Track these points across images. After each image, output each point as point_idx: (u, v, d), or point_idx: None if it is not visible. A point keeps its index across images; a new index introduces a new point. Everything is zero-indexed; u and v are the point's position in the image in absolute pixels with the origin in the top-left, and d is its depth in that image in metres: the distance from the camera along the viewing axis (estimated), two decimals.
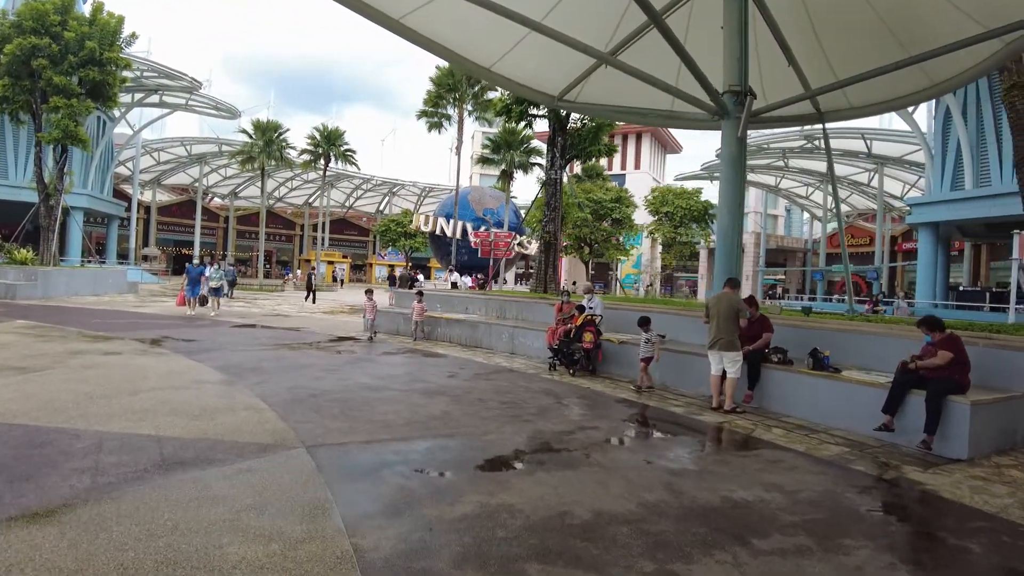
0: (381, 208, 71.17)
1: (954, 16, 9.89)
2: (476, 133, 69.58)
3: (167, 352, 10.71)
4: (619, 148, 54.45)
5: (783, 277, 56.62)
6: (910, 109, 30.11)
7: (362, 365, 10.59)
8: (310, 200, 67.50)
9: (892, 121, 46.67)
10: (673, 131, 67.79)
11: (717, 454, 6.26)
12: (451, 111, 33.03)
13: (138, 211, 50.69)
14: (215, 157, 54.81)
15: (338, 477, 4.73)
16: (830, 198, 49.15)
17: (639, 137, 61.16)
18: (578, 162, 20.00)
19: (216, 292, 18.79)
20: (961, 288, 29.38)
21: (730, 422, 7.57)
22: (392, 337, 14.84)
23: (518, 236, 43.77)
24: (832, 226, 52.21)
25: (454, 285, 30.19)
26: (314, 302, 29.28)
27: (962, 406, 6.64)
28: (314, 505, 4.13)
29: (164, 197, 60.01)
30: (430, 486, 4.72)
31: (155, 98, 42.70)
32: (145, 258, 52.58)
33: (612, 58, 10.72)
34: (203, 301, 18.30)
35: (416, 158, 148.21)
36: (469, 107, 32.60)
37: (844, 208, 51.70)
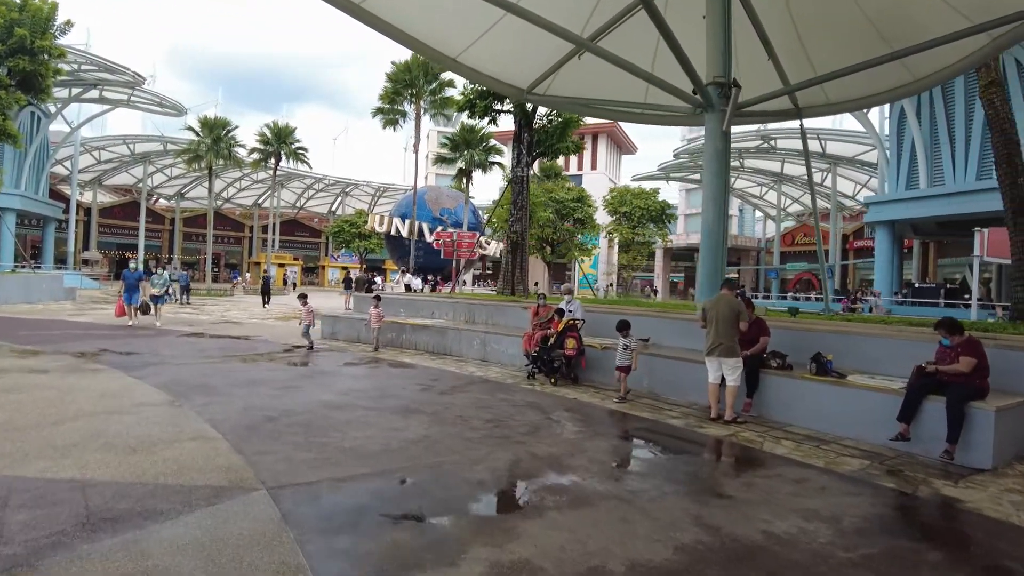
0: (334, 209, 69.22)
1: (941, 10, 9.51)
2: (432, 132, 68.47)
3: (103, 368, 9.45)
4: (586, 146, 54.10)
5: (736, 275, 57.18)
6: (864, 109, 30.57)
7: (323, 379, 9.59)
8: (260, 201, 65.13)
9: (844, 122, 47.56)
10: (629, 133, 67.95)
11: (736, 475, 5.57)
12: (408, 108, 31.90)
13: (77, 213, 47.78)
14: (160, 156, 52.21)
15: (311, 530, 3.80)
16: (784, 198, 49.93)
17: (595, 138, 61.05)
18: (544, 159, 19.13)
19: (158, 300, 17.10)
20: (916, 285, 29.82)
21: (735, 434, 6.93)
22: (353, 345, 13.81)
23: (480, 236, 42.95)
24: (786, 224, 53.05)
25: (407, 288, 29.11)
26: (266, 305, 28.16)
27: (986, 413, 6.14)
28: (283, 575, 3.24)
29: (106, 198, 56.86)
30: (425, 538, 3.83)
31: (94, 93, 40.22)
32: (85, 262, 49.65)
33: (591, 44, 9.99)
34: (144, 309, 16.33)
35: (370, 158, 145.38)
36: (426, 104, 31.56)
37: (795, 208, 52.62)
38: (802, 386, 7.62)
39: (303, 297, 13.70)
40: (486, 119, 18.78)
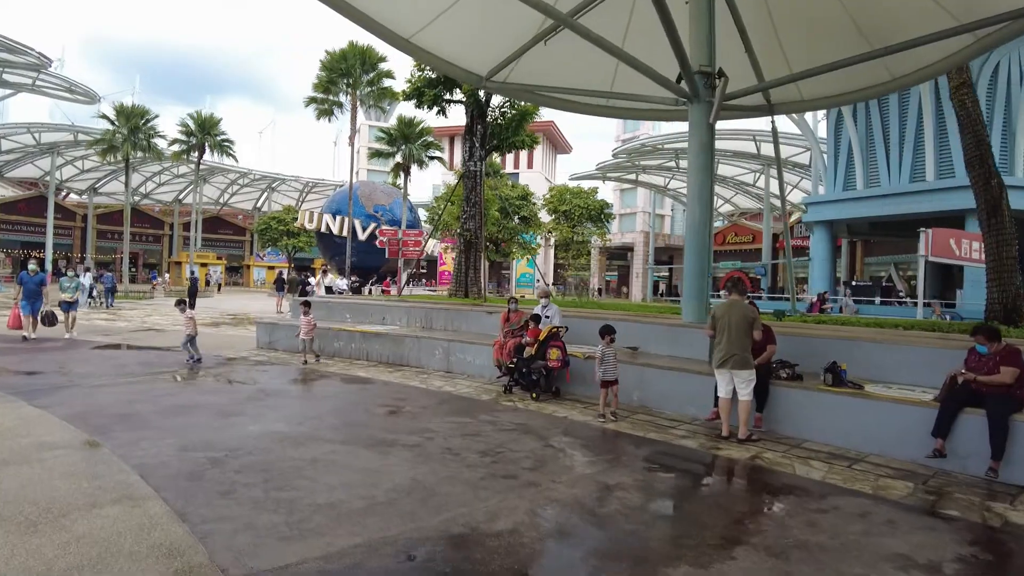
0: (259, 205, 65.72)
1: (927, 8, 9.06)
2: (363, 126, 66.03)
3: None
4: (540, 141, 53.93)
5: (667, 274, 57.83)
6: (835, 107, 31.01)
7: (271, 401, 8.18)
8: (180, 197, 61.03)
9: (778, 123, 48.51)
10: (565, 133, 67.71)
11: (792, 512, 4.69)
12: (343, 99, 30.08)
13: None
14: (70, 148, 47.80)
15: None
16: (716, 199, 50.64)
17: None
18: (496, 154, 18.00)
19: (70, 306, 14.35)
20: (854, 283, 30.49)
21: (758, 456, 6.11)
22: (294, 356, 12.23)
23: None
24: (717, 224, 53.83)
25: (328, 290, 27.30)
26: (192, 307, 25.74)
27: None
28: None
29: (7, 192, 51.70)
30: None
31: None
32: None
33: (572, 20, 8.98)
34: (48, 320, 13.42)
35: (297, 153, 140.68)
36: (363, 95, 29.82)
37: (727, 208, 53.52)
38: (817, 398, 6.91)
39: (181, 304, 12.03)
40: (434, 110, 17.51)
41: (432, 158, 33.94)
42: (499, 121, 17.12)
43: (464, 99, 16.79)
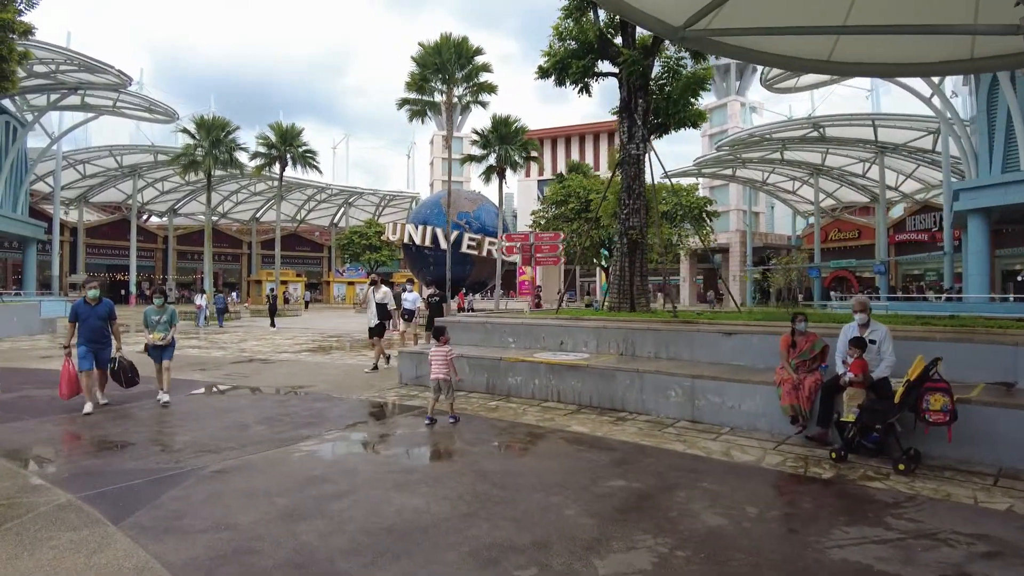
0: (335, 221, 64.23)
1: None
2: (436, 137, 63.70)
3: (66, 512, 4.47)
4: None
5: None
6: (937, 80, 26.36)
7: (506, 496, 4.83)
8: (258, 215, 60.07)
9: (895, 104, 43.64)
10: None
11: None
12: (437, 98, 27.15)
13: (62, 233, 42.59)
14: (150, 169, 47.16)
15: None
16: (815, 192, 45.73)
17: (596, 137, 56.52)
18: (663, 133, 14.41)
19: (162, 353, 8.61)
20: (1021, 278, 25.50)
21: None
22: (462, 398, 8.88)
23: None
24: (814, 221, 48.77)
25: (381, 308, 22.41)
26: (273, 325, 24.36)
27: None
28: None
29: (93, 217, 51.52)
30: None
31: (75, 99, 35.20)
32: (73, 286, 44.40)
33: None
34: (124, 374, 8.35)
35: (368, 168, 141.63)
36: (461, 91, 26.87)
37: (828, 202, 48.34)
38: None
39: (441, 332, 7.70)
40: (576, 87, 14.15)
41: (528, 158, 30.75)
42: (659, 95, 13.58)
43: (617, 71, 13.38)
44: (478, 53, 26.24)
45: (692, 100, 13.86)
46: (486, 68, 26.58)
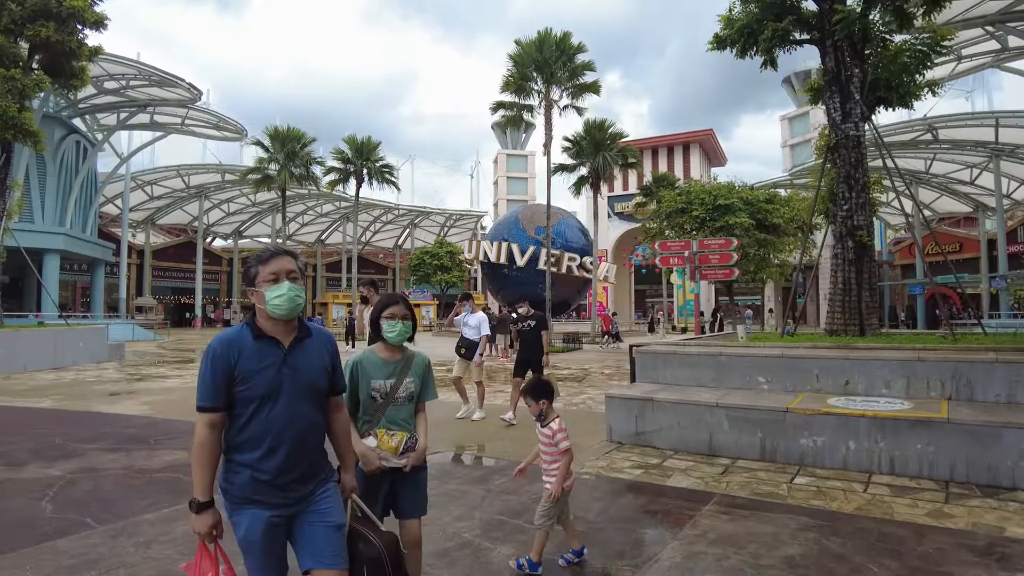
0: (400, 243, 62.24)
1: None
2: (500, 156, 61.30)
3: None
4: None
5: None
6: None
7: None
8: (323, 236, 58.57)
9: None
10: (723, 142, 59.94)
11: None
12: (534, 101, 24.33)
13: (129, 255, 41.40)
14: (216, 190, 45.87)
15: None
16: (913, 203, 41.28)
17: (687, 147, 53.02)
18: (886, 108, 11.09)
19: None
20: None
21: None
22: (706, 462, 5.60)
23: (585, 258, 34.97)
24: (904, 235, 44.07)
25: (466, 345, 18.71)
26: (353, 347, 22.91)
27: None
28: None
29: (158, 239, 50.64)
30: None
31: (144, 117, 33.92)
32: (139, 309, 43.14)
33: None
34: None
35: (425, 194, 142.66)
36: (561, 91, 23.99)
37: (926, 213, 43.58)
38: None
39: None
40: (762, 59, 11.04)
41: (627, 165, 27.65)
42: (889, 57, 10.28)
43: (817, 36, 10.23)
44: (580, 51, 23.30)
45: (927, 67, 10.49)
46: (588, 67, 23.62)
